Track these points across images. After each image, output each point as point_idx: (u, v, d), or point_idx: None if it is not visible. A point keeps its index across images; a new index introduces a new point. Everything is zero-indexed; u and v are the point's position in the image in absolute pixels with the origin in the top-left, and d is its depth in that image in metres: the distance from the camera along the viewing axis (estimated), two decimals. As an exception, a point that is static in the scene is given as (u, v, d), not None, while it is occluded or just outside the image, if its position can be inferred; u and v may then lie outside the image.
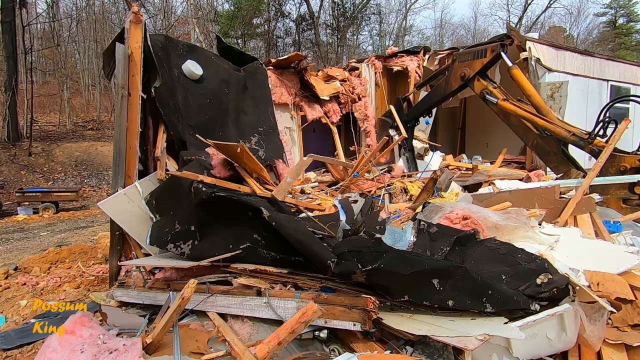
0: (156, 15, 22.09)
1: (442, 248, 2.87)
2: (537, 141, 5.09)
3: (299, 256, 2.63)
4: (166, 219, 3.59)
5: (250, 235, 2.84)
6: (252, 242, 2.82)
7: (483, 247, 2.75)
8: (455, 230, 3.08)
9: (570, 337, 2.12)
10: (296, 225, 2.72)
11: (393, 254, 2.28)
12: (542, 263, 2.41)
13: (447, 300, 2.16)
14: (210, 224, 3.08)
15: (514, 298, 2.14)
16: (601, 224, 3.51)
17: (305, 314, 1.88)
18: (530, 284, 2.24)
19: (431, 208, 3.56)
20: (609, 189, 4.23)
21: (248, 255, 2.80)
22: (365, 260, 2.23)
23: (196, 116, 4.95)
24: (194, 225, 3.15)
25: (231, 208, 2.93)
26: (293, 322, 1.89)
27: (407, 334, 2.04)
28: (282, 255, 2.70)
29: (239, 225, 2.93)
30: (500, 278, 2.34)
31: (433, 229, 3.11)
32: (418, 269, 2.16)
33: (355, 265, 2.22)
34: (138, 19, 4.21)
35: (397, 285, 2.19)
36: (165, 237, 3.31)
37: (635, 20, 33.09)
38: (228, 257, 2.80)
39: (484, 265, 2.53)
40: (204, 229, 3.10)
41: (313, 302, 2.01)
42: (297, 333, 1.92)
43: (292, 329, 1.87)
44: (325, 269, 2.37)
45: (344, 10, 29.56)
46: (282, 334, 1.88)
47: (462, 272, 2.19)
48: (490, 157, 8.85)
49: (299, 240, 2.56)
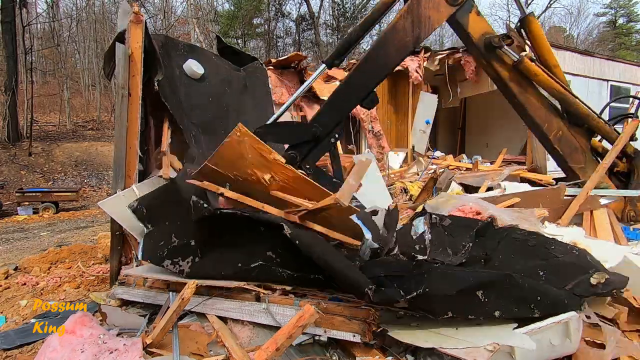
0: (156, 15, 22.11)
1: (463, 244, 2.66)
2: (563, 132, 3.81)
3: (318, 274, 2.45)
4: (161, 230, 3.26)
5: (262, 253, 2.60)
6: (266, 260, 2.58)
7: (509, 239, 2.55)
8: (470, 220, 2.90)
9: (574, 343, 2.07)
10: (324, 245, 2.49)
11: (436, 274, 2.10)
12: (582, 256, 2.22)
13: (493, 311, 2.00)
14: (213, 239, 2.79)
15: (564, 302, 1.99)
16: (619, 229, 3.46)
17: (302, 318, 1.86)
18: (578, 282, 2.05)
19: (440, 199, 3.45)
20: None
21: (260, 274, 2.59)
22: (407, 287, 2.04)
23: (199, 115, 4.96)
24: (194, 239, 2.85)
25: (238, 224, 2.67)
26: (290, 326, 1.87)
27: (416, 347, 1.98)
28: (300, 273, 2.51)
29: (249, 242, 2.69)
30: (538, 275, 2.16)
31: (446, 221, 2.91)
32: (463, 286, 2.01)
33: (397, 292, 2.02)
34: (138, 19, 4.21)
35: (441, 305, 2.04)
36: (161, 251, 2.98)
37: (635, 20, 33.10)
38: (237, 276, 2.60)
39: (515, 260, 2.35)
40: (206, 244, 2.82)
41: (310, 305, 1.98)
42: (294, 338, 1.90)
43: (289, 333, 1.85)
44: (361, 295, 2.14)
45: (344, 10, 29.59)
46: (280, 339, 1.86)
47: (508, 280, 2.02)
48: (491, 157, 8.86)
49: (328, 262, 2.31)
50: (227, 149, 2.83)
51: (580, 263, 2.15)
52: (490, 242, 2.58)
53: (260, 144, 2.72)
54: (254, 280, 2.61)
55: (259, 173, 2.86)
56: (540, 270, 2.18)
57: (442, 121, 11.58)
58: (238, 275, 2.61)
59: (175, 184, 3.28)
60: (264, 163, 2.80)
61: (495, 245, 2.54)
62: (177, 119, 4.53)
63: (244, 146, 2.76)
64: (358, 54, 25.05)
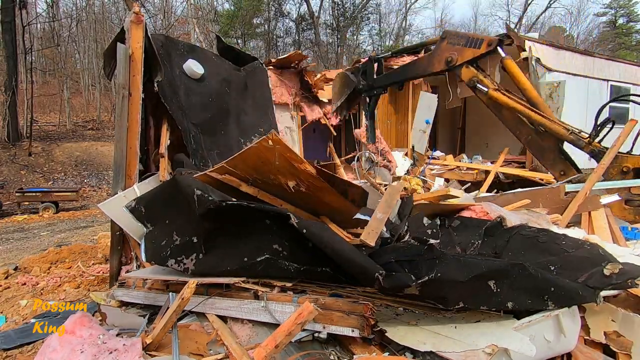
0: (156, 15, 22.13)
1: (472, 242, 2.64)
2: (532, 136, 4.74)
3: (326, 266, 2.40)
4: (161, 229, 3.22)
5: (269, 246, 2.54)
6: (272, 253, 2.53)
7: (518, 236, 2.51)
8: (479, 220, 2.87)
9: (570, 339, 2.06)
10: (331, 234, 2.44)
11: (447, 259, 2.05)
12: (594, 249, 2.18)
13: (506, 302, 1.94)
14: (217, 235, 2.75)
15: (579, 293, 1.94)
16: (618, 229, 3.45)
17: (301, 315, 1.86)
18: (592, 273, 2.00)
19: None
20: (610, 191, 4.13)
21: (266, 268, 2.53)
22: (419, 271, 1.99)
23: (199, 115, 4.96)
24: (197, 236, 2.78)
25: (244, 217, 2.62)
26: (289, 323, 1.87)
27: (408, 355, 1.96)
28: (307, 266, 2.46)
29: (254, 235, 2.64)
30: (549, 269, 2.12)
31: (454, 222, 2.90)
32: (476, 272, 1.93)
33: (409, 277, 1.96)
34: (139, 19, 4.21)
35: (453, 293, 1.97)
36: (164, 251, 2.92)
37: (635, 20, 33.09)
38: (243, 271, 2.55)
39: (525, 256, 2.31)
40: (210, 240, 2.75)
41: (309, 302, 1.97)
42: (293, 335, 1.90)
43: (288, 331, 1.85)
44: (371, 282, 2.09)
45: (343, 10, 29.60)
46: (279, 336, 1.86)
47: (520, 270, 1.96)
48: (490, 157, 8.87)
49: (336, 250, 2.26)
50: (251, 154, 2.75)
51: (593, 256, 2.10)
52: (500, 240, 2.54)
53: (292, 153, 2.64)
54: (260, 274, 2.56)
55: (284, 179, 2.82)
56: (552, 265, 2.14)
57: (442, 121, 11.59)
58: (244, 270, 2.56)
59: (175, 181, 3.18)
60: (291, 171, 2.74)
61: (504, 244, 2.49)
62: (176, 120, 4.53)
63: (272, 153, 2.70)
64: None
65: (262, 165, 2.77)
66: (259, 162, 2.77)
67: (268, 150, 2.61)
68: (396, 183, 3.82)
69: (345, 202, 2.79)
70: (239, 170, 2.90)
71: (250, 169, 2.86)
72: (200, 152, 4.64)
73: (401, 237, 2.86)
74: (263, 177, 2.88)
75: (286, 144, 2.65)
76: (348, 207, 2.82)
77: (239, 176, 2.95)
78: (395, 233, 2.89)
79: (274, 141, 2.57)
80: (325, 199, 2.84)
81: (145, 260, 3.11)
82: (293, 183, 2.77)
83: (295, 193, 2.81)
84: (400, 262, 2.11)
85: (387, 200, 2.71)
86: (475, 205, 3.30)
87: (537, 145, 4.77)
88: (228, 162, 2.84)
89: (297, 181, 2.77)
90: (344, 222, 2.84)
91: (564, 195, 3.86)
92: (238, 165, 2.85)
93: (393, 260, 2.13)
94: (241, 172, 2.89)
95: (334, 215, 2.94)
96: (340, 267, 2.33)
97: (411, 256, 2.14)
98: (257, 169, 2.85)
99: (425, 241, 2.44)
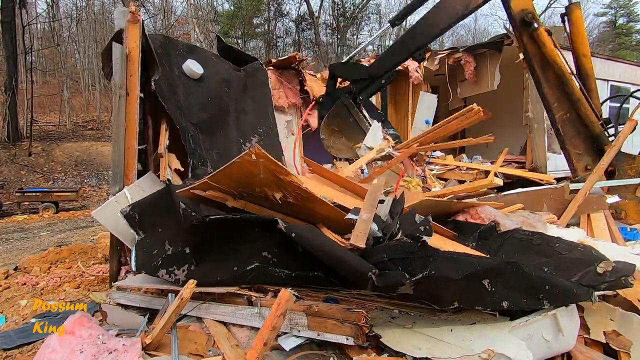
0: (156, 15, 22.12)
1: (466, 244, 2.63)
2: (570, 115, 3.99)
3: (317, 270, 2.38)
4: (153, 238, 3.17)
5: (258, 254, 2.53)
6: (262, 261, 2.52)
7: (512, 239, 2.51)
8: (473, 224, 2.87)
9: (568, 338, 2.05)
10: (321, 237, 2.42)
11: (441, 257, 2.04)
12: (587, 251, 2.18)
13: (501, 301, 1.93)
14: (206, 246, 2.73)
15: (573, 291, 1.94)
16: (617, 230, 3.43)
17: (280, 305, 1.84)
18: (585, 272, 2.00)
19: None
20: (626, 193, 4.00)
21: (257, 277, 2.52)
22: (412, 269, 1.97)
23: (198, 115, 4.95)
24: (188, 247, 2.76)
25: (233, 227, 2.63)
26: (272, 317, 1.85)
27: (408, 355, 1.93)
28: (298, 271, 2.44)
29: (243, 244, 2.64)
30: (543, 271, 2.11)
31: (449, 225, 2.90)
32: (469, 271, 1.92)
33: (402, 275, 1.94)
34: (135, 18, 4.20)
35: (447, 292, 1.95)
36: (155, 261, 2.88)
37: (635, 20, 33.10)
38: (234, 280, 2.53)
39: (519, 259, 2.29)
40: (201, 251, 2.74)
41: (284, 290, 1.90)
42: (278, 328, 1.88)
43: (272, 325, 1.84)
44: (364, 283, 2.06)
45: (343, 10, 29.59)
46: (265, 333, 1.84)
47: (514, 269, 1.95)
48: (491, 157, 8.86)
49: (327, 253, 2.23)
50: (235, 169, 2.70)
51: (586, 257, 2.10)
52: (494, 244, 2.54)
53: (277, 166, 2.59)
54: (251, 282, 2.55)
55: (270, 191, 2.78)
56: (545, 267, 2.13)
57: (442, 121, 11.58)
58: (235, 280, 2.54)
59: (168, 190, 3.14)
60: (277, 183, 2.71)
61: (498, 247, 2.49)
62: (174, 119, 4.52)
63: (256, 166, 2.65)
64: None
65: (246, 179, 2.74)
66: (243, 176, 2.73)
67: (252, 164, 2.56)
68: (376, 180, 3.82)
69: (337, 210, 2.76)
70: (223, 185, 2.85)
71: (235, 183, 2.82)
72: (198, 152, 4.63)
73: (393, 235, 2.84)
74: (249, 190, 2.84)
75: (270, 157, 2.57)
76: (341, 215, 2.81)
77: (224, 191, 2.90)
78: (387, 232, 2.87)
79: (257, 155, 2.53)
80: (315, 209, 2.81)
81: (135, 270, 3.04)
82: (280, 195, 2.74)
83: (284, 204, 2.79)
84: (393, 260, 2.09)
85: (369, 199, 2.69)
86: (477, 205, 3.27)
87: (572, 126, 4.05)
88: (210, 177, 2.79)
89: (284, 193, 2.74)
90: (340, 229, 2.81)
91: (568, 195, 3.78)
92: (221, 181, 2.80)
93: (386, 259, 2.11)
94: (226, 186, 2.85)
95: (329, 224, 2.93)
96: (333, 269, 2.31)
97: (404, 254, 2.12)
98: (242, 183, 2.82)
99: (418, 238, 2.42)
